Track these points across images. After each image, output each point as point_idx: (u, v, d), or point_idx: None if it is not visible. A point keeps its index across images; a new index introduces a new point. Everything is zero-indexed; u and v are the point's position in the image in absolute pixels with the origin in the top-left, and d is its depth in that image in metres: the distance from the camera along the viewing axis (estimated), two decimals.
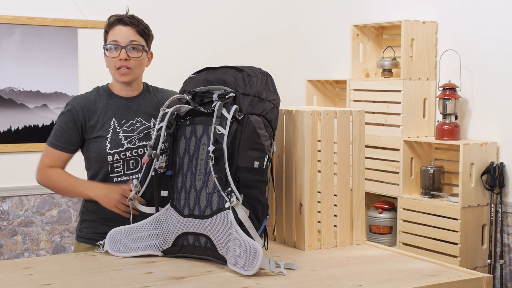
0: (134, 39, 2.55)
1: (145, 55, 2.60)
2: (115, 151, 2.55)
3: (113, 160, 2.56)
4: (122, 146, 2.56)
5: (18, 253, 4.61)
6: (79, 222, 2.71)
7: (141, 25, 2.59)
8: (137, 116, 2.61)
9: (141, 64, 2.60)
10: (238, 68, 2.39)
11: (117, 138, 2.56)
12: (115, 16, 2.59)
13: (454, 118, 4.05)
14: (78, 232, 2.71)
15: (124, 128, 2.58)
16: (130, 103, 2.62)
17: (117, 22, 2.57)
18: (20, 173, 4.59)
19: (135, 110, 2.62)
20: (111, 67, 2.59)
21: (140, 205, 2.45)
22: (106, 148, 2.55)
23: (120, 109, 2.60)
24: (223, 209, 2.25)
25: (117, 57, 2.54)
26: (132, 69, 2.56)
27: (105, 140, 2.56)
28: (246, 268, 2.14)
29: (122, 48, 2.54)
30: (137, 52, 2.56)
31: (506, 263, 3.92)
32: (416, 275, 2.21)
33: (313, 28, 5.31)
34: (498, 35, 3.95)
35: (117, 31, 2.56)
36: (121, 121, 2.59)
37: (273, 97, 2.38)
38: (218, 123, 2.26)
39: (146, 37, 2.60)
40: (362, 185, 2.64)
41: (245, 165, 2.26)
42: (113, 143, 2.55)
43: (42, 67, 4.60)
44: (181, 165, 2.39)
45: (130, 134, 2.58)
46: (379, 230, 4.34)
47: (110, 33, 2.57)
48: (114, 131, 2.57)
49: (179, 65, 4.92)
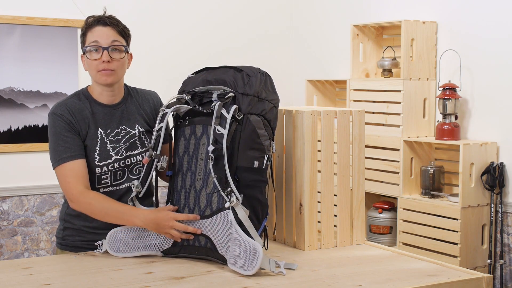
0: (116, 39, 2.43)
1: (126, 56, 2.49)
2: (104, 163, 2.46)
3: (101, 172, 2.47)
4: (111, 158, 2.47)
5: (18, 253, 4.61)
6: (61, 229, 2.58)
7: (120, 25, 2.48)
8: (121, 124, 2.50)
9: (124, 66, 2.48)
10: (238, 68, 2.39)
11: (105, 149, 2.46)
12: (93, 17, 2.47)
13: (454, 118, 4.05)
14: (60, 240, 2.58)
15: (110, 138, 2.48)
16: (114, 111, 2.51)
17: (96, 22, 2.45)
18: (20, 173, 4.59)
19: (119, 118, 2.51)
20: (91, 70, 2.45)
21: (141, 206, 2.44)
22: (95, 160, 2.45)
23: (105, 118, 2.49)
24: (223, 209, 2.25)
25: (99, 59, 2.42)
26: (115, 70, 2.44)
27: (93, 152, 2.45)
28: (246, 268, 2.14)
29: (104, 49, 2.41)
30: (120, 53, 2.45)
31: (506, 263, 3.92)
32: (416, 275, 2.21)
33: (313, 28, 5.30)
34: (498, 35, 3.95)
35: (97, 32, 2.43)
36: (107, 130, 2.48)
37: (272, 97, 2.38)
38: (218, 123, 2.26)
39: (126, 37, 2.49)
40: (362, 185, 2.64)
41: (244, 165, 2.26)
42: (102, 155, 2.46)
43: (42, 67, 4.59)
44: (181, 165, 2.39)
45: (117, 144, 2.48)
46: (379, 230, 4.34)
47: (89, 35, 2.45)
48: (102, 141, 2.46)
49: (179, 65, 4.92)
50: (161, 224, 2.31)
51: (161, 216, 2.32)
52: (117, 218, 2.37)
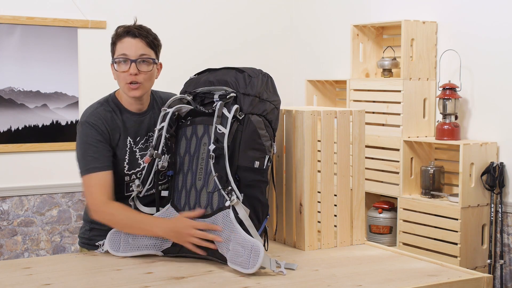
0: (144, 53, 2.43)
1: (155, 67, 2.48)
2: (133, 171, 2.48)
3: (129, 180, 2.49)
4: (139, 166, 2.49)
5: (18, 253, 4.61)
6: (87, 230, 2.59)
7: (150, 36, 2.46)
8: (149, 131, 2.52)
9: (151, 78, 2.48)
10: (239, 69, 2.40)
11: (134, 158, 2.48)
12: (123, 27, 2.46)
13: (454, 118, 4.05)
14: (87, 240, 2.58)
15: (139, 146, 2.49)
16: (142, 118, 2.52)
17: (126, 34, 2.43)
18: (20, 173, 4.59)
19: (147, 125, 2.52)
20: (120, 81, 2.46)
21: (141, 206, 2.45)
22: (124, 169, 2.46)
23: (135, 126, 2.50)
24: (224, 208, 2.26)
25: (127, 71, 2.42)
26: (142, 83, 2.44)
27: (123, 161, 2.46)
28: (247, 266, 2.14)
29: (132, 62, 2.41)
30: (147, 66, 2.44)
31: (506, 263, 3.92)
32: (416, 275, 2.21)
33: (313, 28, 5.30)
34: (498, 35, 3.95)
35: (126, 43, 2.42)
36: (136, 138, 2.50)
37: (273, 98, 2.39)
38: (219, 122, 2.27)
39: (155, 48, 2.48)
40: (362, 185, 2.64)
41: (245, 165, 2.27)
42: (131, 164, 2.47)
43: (42, 67, 4.59)
44: (182, 165, 2.39)
45: (145, 152, 2.49)
46: (379, 230, 4.34)
47: (118, 45, 2.44)
48: (131, 150, 2.48)
49: (179, 65, 4.92)
50: (181, 232, 2.29)
51: (180, 226, 2.29)
52: (138, 229, 2.36)
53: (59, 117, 4.65)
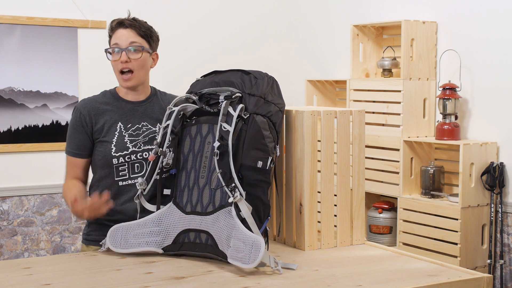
0: (134, 41, 2.54)
1: (147, 56, 2.58)
2: (120, 154, 2.55)
3: (118, 163, 2.55)
4: (127, 149, 2.56)
5: (18, 253, 4.61)
6: (86, 225, 2.69)
7: (142, 27, 2.58)
8: (143, 121, 2.60)
9: (144, 66, 2.58)
10: (245, 71, 2.45)
11: (122, 141, 2.56)
12: (116, 20, 2.59)
13: (454, 118, 4.05)
14: (85, 235, 2.68)
15: (130, 132, 2.58)
16: (137, 107, 2.62)
17: (118, 25, 2.57)
18: (20, 173, 4.59)
19: (141, 114, 2.61)
20: (115, 71, 2.58)
21: (146, 203, 2.46)
22: (111, 151, 2.55)
23: (127, 113, 2.60)
24: (226, 205, 2.27)
25: (118, 60, 2.54)
26: (134, 72, 2.55)
27: (110, 143, 2.55)
28: (247, 261, 2.14)
29: (122, 50, 2.53)
30: (137, 53, 2.54)
31: (506, 263, 3.92)
32: (416, 275, 2.21)
33: (313, 28, 5.30)
34: (498, 35, 3.95)
35: (118, 34, 2.56)
36: (127, 125, 2.58)
37: (278, 101, 2.44)
38: (224, 120, 2.30)
39: (148, 38, 2.59)
40: (362, 185, 2.64)
41: (249, 164, 2.29)
42: (118, 146, 2.55)
43: (42, 67, 4.60)
44: (185, 163, 2.41)
45: (136, 138, 2.57)
46: (379, 230, 4.34)
47: (112, 37, 2.58)
48: (120, 134, 2.56)
49: (179, 65, 4.92)
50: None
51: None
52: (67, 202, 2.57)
53: (59, 117, 4.65)
